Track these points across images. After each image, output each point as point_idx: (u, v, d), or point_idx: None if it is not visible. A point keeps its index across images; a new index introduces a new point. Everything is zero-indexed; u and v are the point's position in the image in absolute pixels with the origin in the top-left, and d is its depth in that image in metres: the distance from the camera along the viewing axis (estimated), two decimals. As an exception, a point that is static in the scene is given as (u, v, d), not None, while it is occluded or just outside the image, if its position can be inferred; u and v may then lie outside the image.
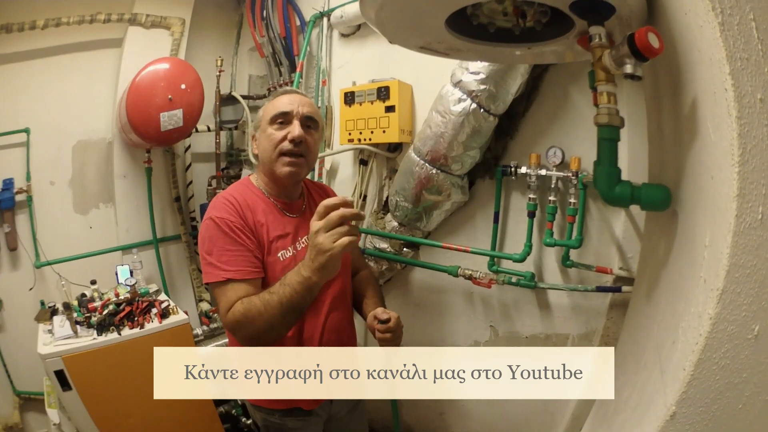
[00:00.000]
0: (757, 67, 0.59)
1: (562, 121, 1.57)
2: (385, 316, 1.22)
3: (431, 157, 1.62)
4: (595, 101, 0.80)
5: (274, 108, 1.26)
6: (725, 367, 0.64)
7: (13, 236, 2.31)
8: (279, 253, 1.23)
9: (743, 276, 0.61)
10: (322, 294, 1.26)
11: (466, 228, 1.87)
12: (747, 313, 0.62)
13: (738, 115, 0.59)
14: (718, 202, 0.63)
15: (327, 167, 2.26)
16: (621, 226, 1.49)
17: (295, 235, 1.27)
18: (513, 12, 0.89)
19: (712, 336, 0.63)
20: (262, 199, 1.28)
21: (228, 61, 2.91)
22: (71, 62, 2.44)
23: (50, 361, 1.78)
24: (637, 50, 0.68)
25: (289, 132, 1.23)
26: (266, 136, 1.26)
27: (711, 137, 0.66)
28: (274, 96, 1.32)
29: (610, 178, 0.80)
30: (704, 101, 0.68)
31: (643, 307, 0.99)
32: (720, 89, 0.60)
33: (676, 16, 0.71)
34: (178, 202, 2.83)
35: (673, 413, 0.67)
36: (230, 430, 2.37)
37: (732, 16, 0.59)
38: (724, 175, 0.61)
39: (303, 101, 1.28)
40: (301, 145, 1.23)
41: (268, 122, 1.26)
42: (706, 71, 0.65)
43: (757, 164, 0.59)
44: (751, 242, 0.60)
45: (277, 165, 1.24)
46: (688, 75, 0.73)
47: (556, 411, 1.70)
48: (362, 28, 2.15)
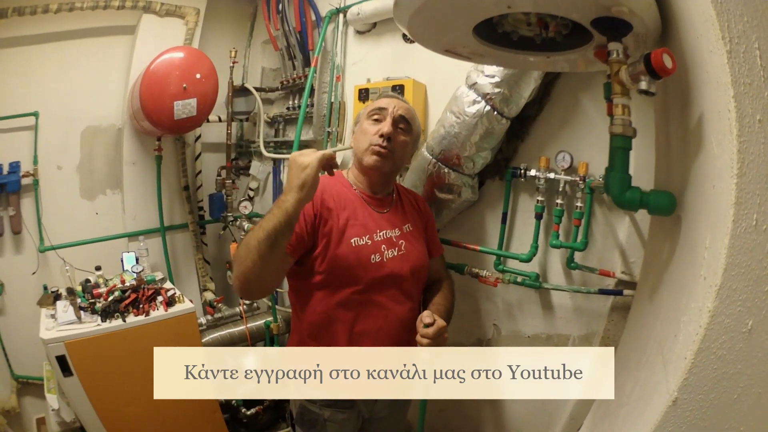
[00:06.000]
0: (758, 92, 0.66)
1: (572, 127, 1.60)
2: (428, 320, 1.17)
3: (444, 156, 1.66)
4: (609, 111, 0.87)
5: (374, 104, 1.38)
6: (722, 357, 0.71)
7: (17, 219, 2.30)
8: (352, 239, 1.25)
9: (738, 274, 0.68)
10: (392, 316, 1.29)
11: (475, 227, 1.89)
12: (741, 308, 0.70)
13: (738, 133, 0.66)
14: (718, 208, 0.70)
15: (339, 162, 2.29)
16: (625, 231, 1.52)
17: (374, 227, 1.31)
18: (537, 23, 0.95)
19: (710, 328, 0.70)
20: (348, 189, 1.35)
21: (241, 52, 2.91)
22: (83, 47, 2.42)
23: (52, 346, 1.78)
24: (652, 69, 0.74)
25: (380, 128, 1.31)
26: (361, 130, 1.36)
27: (714, 151, 0.73)
28: (372, 96, 1.40)
29: (622, 183, 0.87)
30: (710, 118, 0.75)
31: (646, 306, 1.05)
32: (724, 109, 0.68)
33: (688, 39, 0.78)
34: (186, 191, 2.84)
35: (675, 399, 0.74)
36: (230, 420, 2.39)
37: (739, 44, 0.66)
38: (724, 185, 0.69)
39: (400, 104, 1.37)
40: (390, 142, 1.30)
41: (366, 117, 1.37)
42: (712, 92, 0.72)
43: (753, 177, 0.67)
44: (746, 245, 0.68)
45: (365, 155, 1.32)
46: (696, 93, 0.80)
47: (554, 411, 1.72)
48: (378, 25, 2.16)
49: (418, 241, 1.41)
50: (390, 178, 1.42)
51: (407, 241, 1.36)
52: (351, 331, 1.26)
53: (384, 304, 1.28)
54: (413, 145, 1.42)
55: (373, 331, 1.28)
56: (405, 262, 1.32)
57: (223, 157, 2.83)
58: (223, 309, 2.63)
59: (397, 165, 1.37)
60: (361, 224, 1.29)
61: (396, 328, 1.30)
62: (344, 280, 1.24)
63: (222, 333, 2.48)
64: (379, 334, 1.28)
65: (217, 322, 2.55)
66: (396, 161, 1.35)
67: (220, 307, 2.64)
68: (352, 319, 1.26)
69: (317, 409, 1.32)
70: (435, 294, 1.42)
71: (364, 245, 1.27)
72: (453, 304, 1.44)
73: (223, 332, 2.48)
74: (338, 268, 1.23)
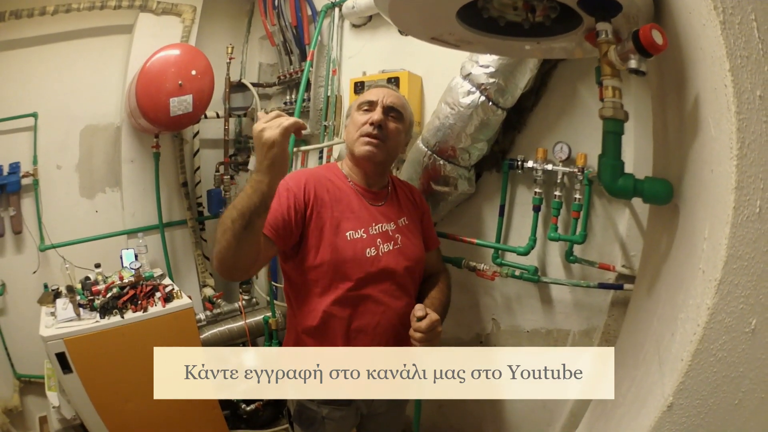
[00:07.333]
0: (757, 65, 0.61)
1: (570, 117, 1.58)
2: (420, 313, 1.16)
3: (439, 148, 1.63)
4: (600, 95, 0.82)
5: (363, 97, 1.36)
6: (722, 360, 0.66)
7: (18, 219, 2.32)
8: (347, 233, 1.24)
9: (741, 267, 0.63)
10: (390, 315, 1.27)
11: (472, 220, 1.87)
12: (744, 306, 0.64)
13: (737, 110, 0.60)
14: (717, 194, 0.65)
15: (335, 155, 2.27)
16: (625, 224, 1.49)
17: (369, 220, 1.29)
18: (523, 6, 0.90)
19: (709, 326, 0.65)
20: (342, 181, 1.34)
21: (238, 48, 2.92)
22: (81, 48, 2.44)
23: (52, 343, 1.79)
24: (642, 46, 0.70)
25: (371, 116, 1.30)
26: (352, 121, 1.35)
27: (712, 132, 0.67)
28: (366, 89, 1.41)
29: (613, 170, 0.82)
30: (706, 97, 0.69)
31: (644, 302, 1.00)
32: (720, 85, 0.62)
33: (681, 15, 0.73)
34: (185, 187, 2.85)
35: (671, 404, 0.69)
36: (230, 416, 2.40)
37: (734, 15, 0.60)
38: (723, 169, 0.63)
39: (390, 93, 1.35)
40: (381, 129, 1.29)
41: (356, 109, 1.35)
42: (708, 68, 0.66)
43: (755, 158, 0.61)
44: (749, 234, 0.62)
45: (356, 145, 1.31)
46: (691, 72, 0.74)
47: (555, 408, 1.71)
48: (373, 19, 2.15)
49: (413, 234, 1.39)
50: (384, 169, 1.39)
51: (403, 234, 1.34)
52: (348, 329, 1.25)
53: (380, 300, 1.26)
54: (406, 134, 1.40)
55: (370, 327, 1.26)
56: (401, 256, 1.30)
57: (221, 153, 2.85)
58: (222, 305, 2.64)
59: (391, 154, 1.35)
60: (356, 218, 1.28)
61: (394, 324, 1.28)
62: (339, 274, 1.22)
63: (221, 328, 2.49)
64: (377, 330, 1.26)
65: (216, 317, 2.57)
66: (389, 150, 1.33)
67: (220, 302, 2.65)
68: (348, 315, 1.24)
69: (315, 407, 1.31)
70: (431, 288, 1.40)
71: (360, 239, 1.25)
72: (449, 297, 1.42)
73: (222, 328, 2.49)
74: (333, 262, 1.21)
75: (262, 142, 0.96)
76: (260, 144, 0.97)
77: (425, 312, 1.16)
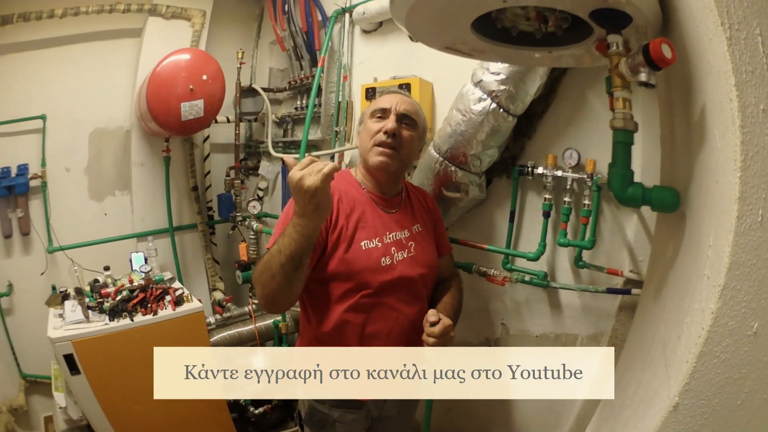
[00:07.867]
0: (761, 80, 0.63)
1: (579, 124, 1.58)
2: (433, 319, 1.16)
3: (451, 154, 1.64)
4: (611, 106, 0.84)
5: (376, 104, 1.35)
6: (725, 362, 0.68)
7: (26, 221, 2.34)
8: (362, 242, 1.24)
9: (743, 274, 0.65)
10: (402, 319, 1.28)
11: (482, 226, 1.88)
12: (746, 310, 0.66)
13: (741, 124, 0.63)
14: (722, 204, 0.67)
15: (346, 161, 2.28)
16: (633, 230, 1.50)
17: (383, 229, 1.29)
18: (535, 17, 0.92)
19: (713, 330, 0.67)
20: (356, 189, 1.33)
21: (248, 53, 2.94)
22: (89, 51, 2.46)
23: (60, 344, 1.79)
24: (651, 60, 0.71)
25: (384, 125, 1.29)
26: (365, 129, 1.34)
27: (717, 144, 0.70)
28: (379, 95, 1.38)
29: (623, 179, 0.84)
30: (712, 110, 0.72)
31: (651, 306, 1.02)
32: (726, 99, 0.65)
33: (689, 29, 0.75)
34: (195, 191, 2.86)
35: (676, 404, 0.71)
36: (238, 419, 2.39)
37: (740, 31, 0.63)
38: (728, 180, 0.65)
39: (403, 100, 1.34)
40: (395, 138, 1.28)
41: (369, 116, 1.34)
42: (714, 82, 0.69)
43: (758, 170, 0.63)
44: (751, 242, 0.65)
45: (370, 154, 1.30)
46: (698, 84, 0.77)
47: (562, 411, 1.71)
48: (384, 24, 2.16)
49: (427, 242, 1.39)
50: (398, 177, 1.39)
51: (416, 242, 1.34)
52: (362, 334, 1.25)
53: (394, 306, 1.27)
54: (420, 140, 1.39)
55: (383, 332, 1.27)
56: (415, 263, 1.31)
57: (231, 157, 2.86)
58: (232, 308, 2.63)
59: (405, 162, 1.35)
60: (371, 227, 1.27)
61: (406, 329, 1.29)
62: (355, 283, 1.23)
63: (231, 332, 2.47)
64: (390, 335, 1.27)
65: (226, 321, 2.55)
66: (403, 158, 1.32)
67: (229, 306, 2.65)
68: (362, 321, 1.25)
69: (326, 410, 1.31)
70: (443, 293, 1.40)
71: (374, 248, 1.25)
72: (461, 302, 1.43)
73: (232, 331, 2.47)
74: (348, 272, 1.22)
75: (304, 190, 0.97)
76: (302, 192, 0.97)
77: (438, 317, 1.17)
